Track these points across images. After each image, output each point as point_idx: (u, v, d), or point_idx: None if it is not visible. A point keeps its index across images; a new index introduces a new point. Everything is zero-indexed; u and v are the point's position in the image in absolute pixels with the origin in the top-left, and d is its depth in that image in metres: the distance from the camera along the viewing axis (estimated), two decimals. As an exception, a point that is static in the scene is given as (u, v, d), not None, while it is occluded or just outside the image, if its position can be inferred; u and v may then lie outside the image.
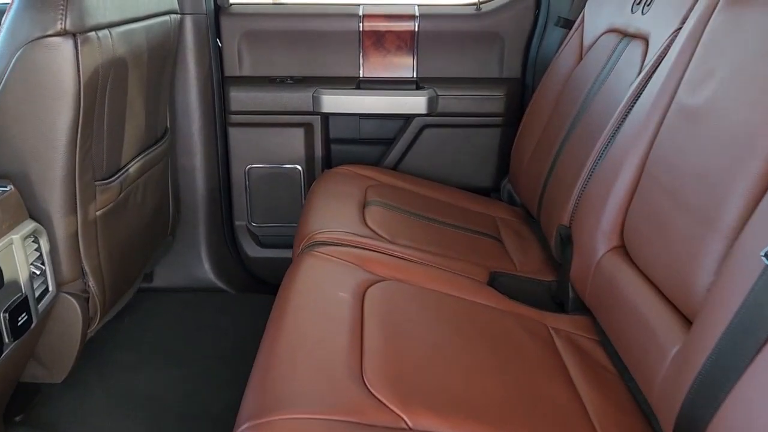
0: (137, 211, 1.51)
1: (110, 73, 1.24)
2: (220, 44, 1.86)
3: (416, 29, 1.87)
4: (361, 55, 1.89)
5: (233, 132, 1.92)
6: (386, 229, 1.42)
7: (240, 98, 1.87)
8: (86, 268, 1.30)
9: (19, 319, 1.06)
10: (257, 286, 2.03)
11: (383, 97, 1.85)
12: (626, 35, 1.38)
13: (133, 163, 1.45)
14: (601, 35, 1.51)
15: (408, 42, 1.89)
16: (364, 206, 1.54)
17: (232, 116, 1.90)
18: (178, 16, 1.62)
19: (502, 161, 1.95)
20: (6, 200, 1.07)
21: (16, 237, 1.06)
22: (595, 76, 1.43)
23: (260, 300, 1.72)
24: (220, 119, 1.88)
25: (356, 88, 1.87)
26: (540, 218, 1.51)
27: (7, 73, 1.12)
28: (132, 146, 1.44)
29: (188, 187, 1.88)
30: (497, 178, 1.97)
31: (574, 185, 1.28)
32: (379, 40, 1.88)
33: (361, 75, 1.90)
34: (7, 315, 1.03)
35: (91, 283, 1.32)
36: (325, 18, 1.87)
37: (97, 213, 1.31)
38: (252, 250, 2.03)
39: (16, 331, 1.05)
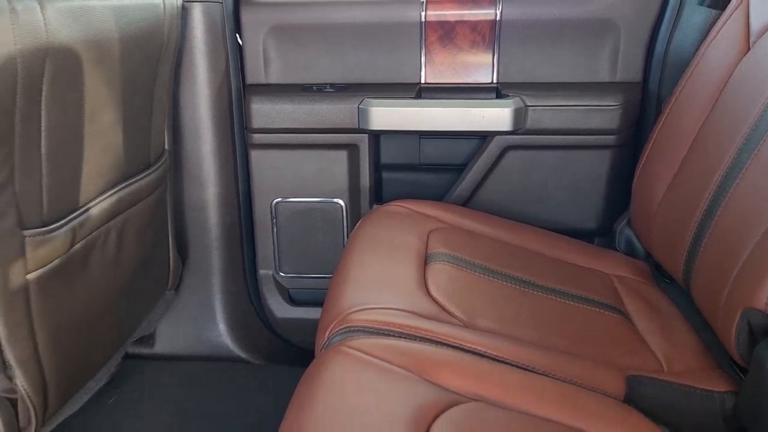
0: (108, 266, 1.08)
1: (44, 67, 0.82)
2: (240, 42, 1.44)
3: (498, 18, 1.40)
4: (423, 53, 1.43)
5: (256, 156, 1.48)
6: (459, 303, 0.94)
7: (264, 112, 1.43)
8: (10, 359, 0.87)
9: None
10: (286, 354, 1.57)
11: (452, 110, 1.38)
12: None
13: (98, 200, 1.03)
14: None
15: (487, 35, 1.41)
16: (425, 262, 1.06)
17: (255, 135, 1.46)
18: (177, 1, 1.21)
19: (616, 195, 1.44)
20: None
21: None
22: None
23: (290, 373, 1.27)
24: (239, 139, 1.45)
25: (416, 98, 1.40)
26: (691, 285, 1.00)
27: None
28: (97, 177, 1.02)
29: (198, 227, 1.46)
30: (607, 217, 1.45)
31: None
32: (447, 34, 1.42)
33: (422, 81, 1.44)
34: None
35: (20, 380, 0.89)
36: (375, 6, 1.42)
37: (29, 277, 0.88)
38: (280, 308, 1.57)
39: None
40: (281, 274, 1.56)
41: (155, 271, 1.31)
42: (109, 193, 1.06)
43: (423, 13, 1.40)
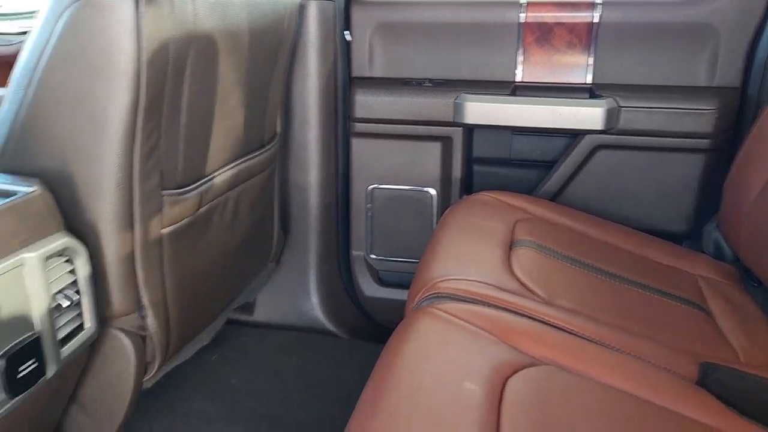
0: (225, 231, 1.22)
1: (189, 52, 0.96)
2: (349, 38, 1.55)
3: (596, 20, 1.44)
4: (520, 53, 1.49)
5: (356, 143, 1.59)
6: (541, 283, 1.00)
7: (367, 103, 1.54)
8: (145, 300, 1.01)
9: (23, 368, 0.78)
10: (372, 332, 1.67)
11: (546, 107, 1.43)
12: None
13: (221, 171, 1.16)
14: None
15: (584, 37, 1.46)
16: (510, 247, 1.13)
17: (357, 124, 1.57)
18: (298, -1, 1.34)
19: (707, 198, 1.44)
20: (25, 206, 0.80)
21: (30, 256, 0.78)
22: None
23: (375, 350, 1.36)
24: (342, 128, 1.57)
25: (511, 95, 1.47)
26: None
27: (51, 41, 0.86)
28: (222, 151, 1.16)
29: (300, 206, 1.59)
30: (696, 220, 1.46)
31: None
32: (545, 35, 1.47)
33: (518, 79, 1.50)
34: (2, 362, 0.75)
35: (151, 319, 1.03)
36: (475, 8, 1.50)
37: (164, 231, 1.03)
38: (369, 287, 1.68)
39: (15, 386, 0.77)
40: (372, 256, 1.67)
41: (261, 243, 1.45)
42: (230, 166, 1.20)
43: (523, 15, 1.46)
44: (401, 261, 1.65)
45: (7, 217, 0.76)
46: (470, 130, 1.57)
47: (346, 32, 1.54)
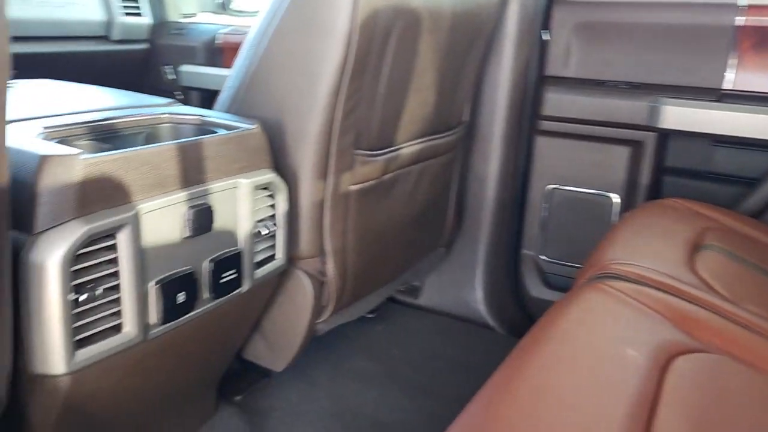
0: (404, 202, 1.30)
1: (395, 24, 1.04)
2: (546, 37, 1.57)
3: (828, 25, 1.30)
4: (732, 58, 1.39)
5: (540, 141, 1.59)
6: (726, 285, 0.93)
7: (557, 101, 1.54)
8: (327, 246, 1.11)
9: (225, 276, 0.90)
10: (533, 332, 1.65)
11: (758, 116, 1.32)
12: None
13: (408, 144, 1.24)
14: None
15: (810, 44, 1.33)
16: (695, 249, 1.06)
17: (543, 122, 1.58)
18: (500, -8, 1.38)
19: None
20: (245, 138, 0.93)
21: (244, 181, 0.91)
22: None
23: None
24: (528, 124, 1.58)
25: (715, 102, 1.38)
26: None
27: (281, 9, 1.00)
28: (411, 125, 1.23)
29: (476, 197, 1.62)
30: None
31: None
32: (763, 41, 1.37)
33: (727, 86, 1.40)
34: (212, 265, 0.87)
35: (330, 265, 1.13)
36: (684, 9, 1.43)
37: (352, 187, 1.12)
38: (536, 288, 1.66)
39: (218, 288, 0.89)
40: (542, 257, 1.65)
41: (434, 224, 1.50)
42: (417, 141, 1.27)
43: (741, 18, 1.37)
44: (572, 266, 1.62)
45: (231, 145, 0.90)
46: (665, 136, 1.49)
47: (544, 31, 1.56)
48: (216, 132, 0.91)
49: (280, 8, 1.01)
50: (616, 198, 1.53)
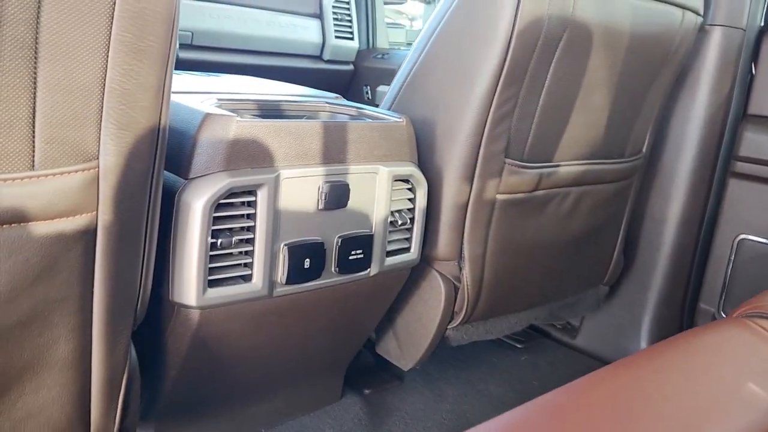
0: (558, 224, 1.25)
1: (562, 35, 1.03)
2: (753, 71, 1.41)
3: None
4: None
5: (734, 185, 1.43)
6: None
7: (760, 142, 1.38)
8: (466, 252, 1.11)
9: (353, 254, 0.95)
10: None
11: None
12: None
13: (566, 163, 1.20)
14: None
15: None
16: None
17: (740, 164, 1.41)
18: (697, 18, 1.28)
19: None
20: (390, 129, 0.98)
21: (384, 169, 0.96)
22: None
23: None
24: (721, 165, 1.43)
25: None
26: None
27: (447, 15, 1.04)
28: (574, 144, 1.19)
29: (650, 237, 1.49)
30: None
31: None
32: None
33: None
34: (340, 241, 0.93)
35: (467, 271, 1.13)
36: None
37: (499, 196, 1.11)
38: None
39: (345, 265, 0.94)
40: (723, 314, 1.46)
41: (595, 257, 1.41)
42: (579, 162, 1.22)
43: None
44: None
45: (375, 132, 0.95)
46: None
47: (752, 65, 1.41)
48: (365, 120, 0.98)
49: (446, 13, 1.06)
50: (823, 259, 1.31)
